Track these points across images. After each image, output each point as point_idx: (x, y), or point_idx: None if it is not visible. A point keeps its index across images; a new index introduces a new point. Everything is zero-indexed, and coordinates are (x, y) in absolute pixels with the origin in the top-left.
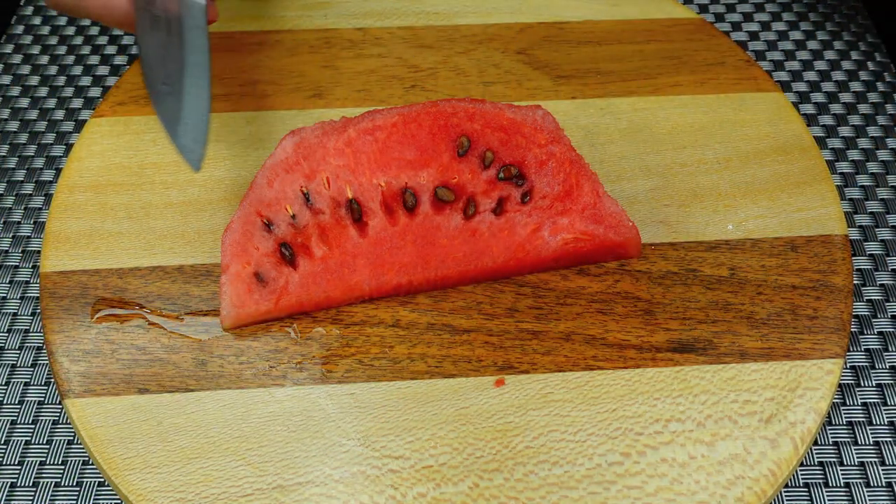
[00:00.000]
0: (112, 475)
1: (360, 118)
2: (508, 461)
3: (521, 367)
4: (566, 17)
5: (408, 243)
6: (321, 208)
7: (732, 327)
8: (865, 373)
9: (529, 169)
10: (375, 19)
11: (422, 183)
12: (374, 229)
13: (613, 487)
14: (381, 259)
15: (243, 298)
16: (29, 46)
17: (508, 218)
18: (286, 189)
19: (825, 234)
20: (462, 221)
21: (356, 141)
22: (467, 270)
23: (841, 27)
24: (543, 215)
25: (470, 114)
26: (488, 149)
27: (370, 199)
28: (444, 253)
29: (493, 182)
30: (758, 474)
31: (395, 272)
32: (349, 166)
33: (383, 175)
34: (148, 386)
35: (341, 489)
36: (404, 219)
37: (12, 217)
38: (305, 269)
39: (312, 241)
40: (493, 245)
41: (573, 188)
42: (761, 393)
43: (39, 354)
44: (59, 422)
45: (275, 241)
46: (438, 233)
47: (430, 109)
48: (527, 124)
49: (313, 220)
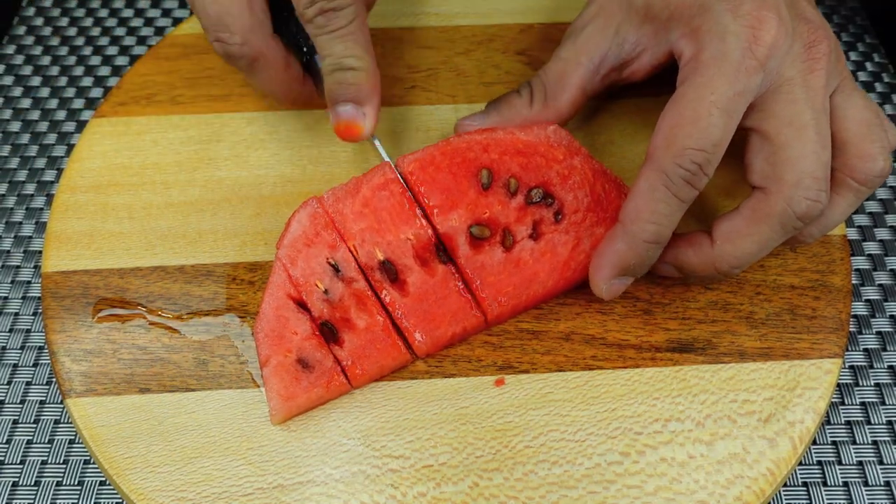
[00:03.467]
0: (113, 474)
1: (370, 174)
2: (508, 460)
3: (521, 366)
4: (566, 18)
5: (452, 291)
6: (353, 276)
7: (731, 327)
8: (864, 372)
9: (555, 187)
10: (376, 20)
11: (454, 225)
12: (414, 285)
13: (613, 487)
14: (430, 313)
15: (292, 389)
16: (31, 47)
17: (547, 240)
18: (312, 264)
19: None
20: (504, 254)
21: (373, 200)
22: (519, 303)
23: (840, 28)
24: (580, 229)
25: (484, 145)
26: (511, 176)
27: (403, 256)
28: (494, 291)
29: (524, 208)
30: (756, 473)
31: (447, 323)
32: (373, 227)
33: (410, 228)
34: (149, 386)
35: (341, 488)
36: (442, 267)
37: (14, 217)
38: (352, 343)
39: (352, 312)
40: (539, 271)
41: (601, 196)
42: (760, 392)
43: (41, 354)
44: (60, 421)
45: (312, 321)
46: (484, 271)
47: (442, 149)
48: (542, 143)
49: (347, 291)
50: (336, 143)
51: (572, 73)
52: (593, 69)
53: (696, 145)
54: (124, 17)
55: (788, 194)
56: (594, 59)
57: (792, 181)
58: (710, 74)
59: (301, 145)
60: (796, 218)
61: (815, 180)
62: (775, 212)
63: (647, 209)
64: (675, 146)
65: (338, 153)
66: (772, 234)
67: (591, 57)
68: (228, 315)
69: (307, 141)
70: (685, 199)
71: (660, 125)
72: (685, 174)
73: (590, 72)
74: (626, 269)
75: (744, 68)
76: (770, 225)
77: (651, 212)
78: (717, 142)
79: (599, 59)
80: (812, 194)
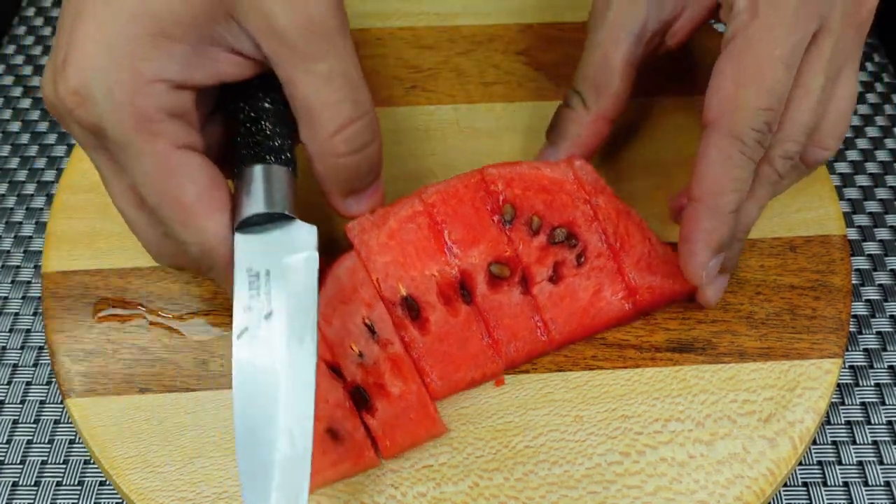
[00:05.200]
0: (113, 474)
1: (398, 206)
2: (508, 460)
3: (521, 366)
4: (566, 18)
5: (475, 334)
6: (389, 338)
7: (731, 327)
8: (864, 373)
9: (579, 228)
10: (376, 20)
11: (474, 262)
12: (436, 324)
13: (613, 487)
14: (449, 355)
15: (318, 462)
16: (31, 47)
17: (567, 284)
18: (347, 324)
19: (824, 235)
20: (521, 296)
21: (399, 232)
22: (535, 348)
23: None
24: (602, 275)
25: (508, 179)
26: (534, 213)
27: (427, 292)
28: (510, 334)
29: (546, 248)
30: (756, 473)
31: (466, 367)
32: (398, 261)
33: (434, 264)
34: (149, 385)
35: (341, 488)
36: (465, 307)
37: (14, 217)
38: (384, 412)
39: (386, 377)
40: (557, 315)
41: (625, 240)
42: (760, 392)
43: (41, 354)
44: (60, 421)
45: (345, 387)
46: (500, 313)
47: (467, 182)
48: (567, 180)
49: (383, 355)
50: None
51: (615, 53)
52: (635, 41)
53: (764, 104)
54: None
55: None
56: (634, 29)
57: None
58: (769, 25)
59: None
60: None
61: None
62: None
63: (727, 179)
64: (744, 108)
65: None
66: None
67: (629, 29)
68: (228, 315)
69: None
70: (757, 160)
71: (717, 85)
72: (757, 136)
73: (632, 45)
74: (720, 247)
75: (802, 16)
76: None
77: (732, 180)
78: (781, 97)
79: (640, 28)
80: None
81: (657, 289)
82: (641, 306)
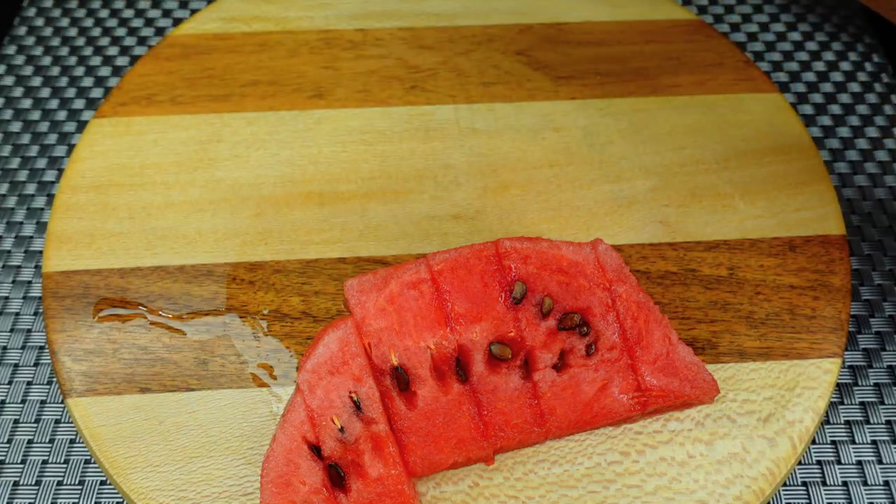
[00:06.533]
0: (114, 474)
1: (402, 268)
2: (508, 460)
3: None
4: (566, 18)
5: (464, 415)
6: (374, 417)
7: (731, 327)
8: (863, 372)
9: (594, 316)
10: (376, 20)
11: (475, 339)
12: (424, 399)
13: (612, 486)
14: (434, 435)
15: None
16: (31, 47)
17: (572, 374)
18: (332, 396)
19: (823, 235)
20: (521, 382)
21: (399, 297)
22: (527, 437)
23: (839, 28)
24: (611, 369)
25: (524, 255)
26: (547, 294)
27: (419, 365)
28: (502, 420)
29: (554, 333)
30: (756, 473)
31: (450, 449)
32: (393, 328)
33: (431, 336)
34: (150, 385)
35: None
36: (458, 386)
37: (15, 217)
38: (359, 494)
39: (365, 457)
40: (556, 406)
41: (642, 335)
42: (760, 392)
43: (42, 354)
44: (61, 421)
45: (323, 468)
46: (495, 397)
47: (480, 253)
48: (588, 264)
49: (365, 433)
50: (336, 143)
51: None
52: None
53: None
54: (125, 18)
55: None
56: None
57: None
58: None
59: (301, 145)
60: None
61: None
62: None
63: None
64: None
65: (338, 153)
66: None
67: None
68: (228, 315)
69: (307, 141)
70: None
71: None
72: None
73: None
74: None
75: None
76: None
77: None
78: None
79: None
80: None
81: (672, 393)
82: (651, 408)
